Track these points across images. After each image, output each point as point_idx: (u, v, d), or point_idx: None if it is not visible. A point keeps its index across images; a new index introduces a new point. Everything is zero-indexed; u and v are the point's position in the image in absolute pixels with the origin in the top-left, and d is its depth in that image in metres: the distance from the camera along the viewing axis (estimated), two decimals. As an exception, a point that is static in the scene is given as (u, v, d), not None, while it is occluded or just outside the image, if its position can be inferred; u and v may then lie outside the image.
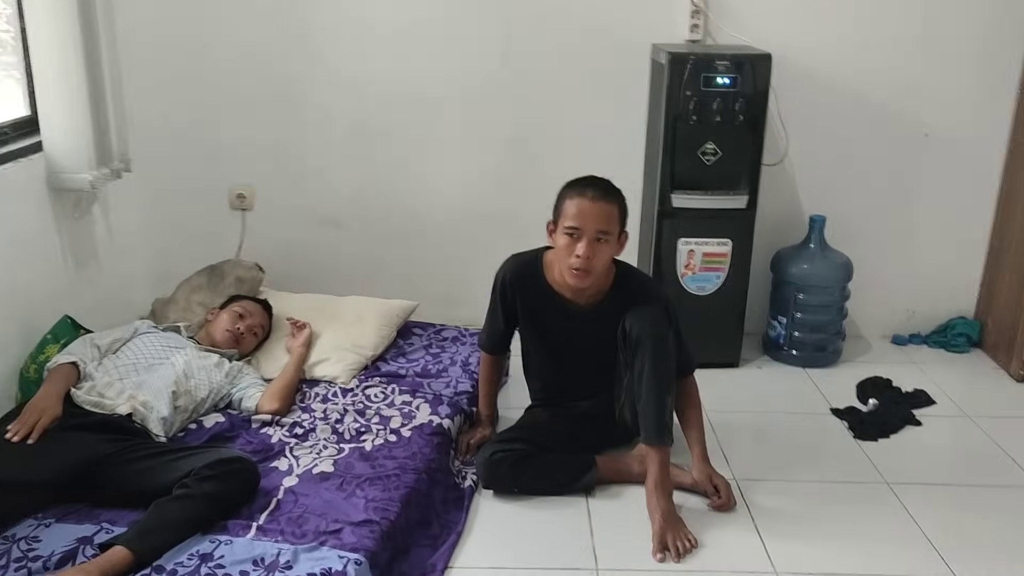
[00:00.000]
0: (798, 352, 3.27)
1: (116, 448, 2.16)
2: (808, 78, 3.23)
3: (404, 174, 3.37)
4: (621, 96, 3.27)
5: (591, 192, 2.27)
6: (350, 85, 3.27)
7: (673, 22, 3.21)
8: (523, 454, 2.39)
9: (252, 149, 3.34)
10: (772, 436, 2.79)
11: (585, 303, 2.42)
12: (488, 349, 2.61)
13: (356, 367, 2.81)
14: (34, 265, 2.64)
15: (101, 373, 2.43)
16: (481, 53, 3.24)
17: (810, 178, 3.36)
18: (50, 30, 2.54)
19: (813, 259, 3.21)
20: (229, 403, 2.62)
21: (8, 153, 2.58)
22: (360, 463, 2.31)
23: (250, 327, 2.81)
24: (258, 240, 3.42)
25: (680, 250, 3.08)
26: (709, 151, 3.01)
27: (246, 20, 3.20)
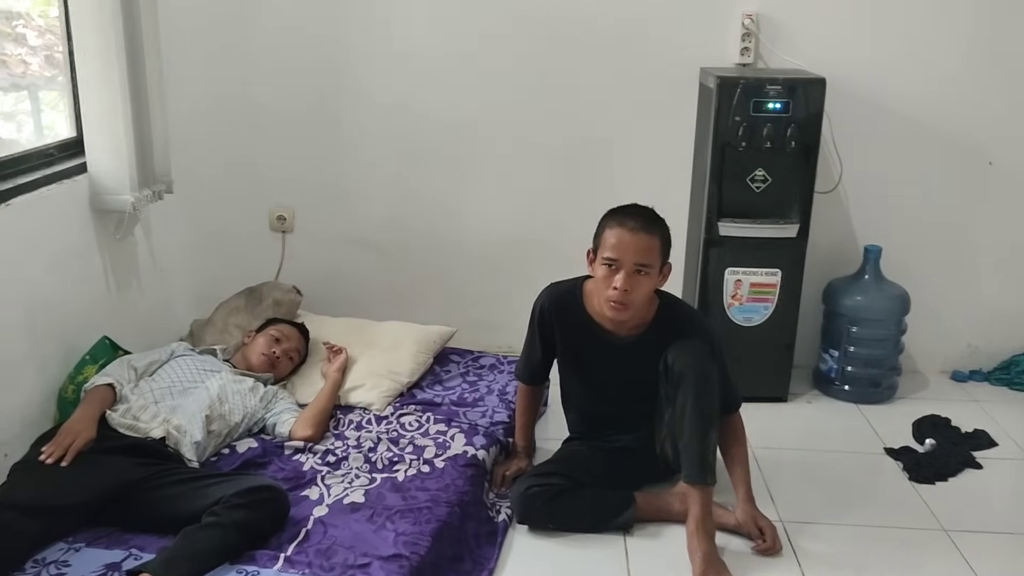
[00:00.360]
0: (851, 387, 3.14)
1: (148, 472, 2.14)
2: (864, 102, 3.12)
3: (444, 198, 3.34)
4: (667, 121, 3.20)
5: (631, 222, 2.20)
6: (391, 108, 3.26)
7: (723, 45, 3.13)
8: (560, 489, 2.31)
9: (293, 171, 3.34)
10: (821, 476, 2.67)
11: (626, 334, 2.34)
12: (525, 379, 2.55)
13: (391, 394, 2.77)
14: (76, 285, 2.65)
15: (136, 396, 2.41)
16: (524, 77, 3.21)
17: (865, 207, 3.24)
18: (95, 53, 2.56)
19: (868, 291, 3.09)
20: (263, 428, 2.59)
21: (53, 174, 2.60)
22: (391, 494, 2.25)
23: (286, 351, 2.79)
24: (298, 262, 3.41)
25: (727, 280, 2.98)
26: (759, 178, 2.92)
27: (289, 44, 3.21)
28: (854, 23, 3.09)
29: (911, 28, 3.09)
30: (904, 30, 3.09)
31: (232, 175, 3.35)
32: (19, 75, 2.91)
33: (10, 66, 2.88)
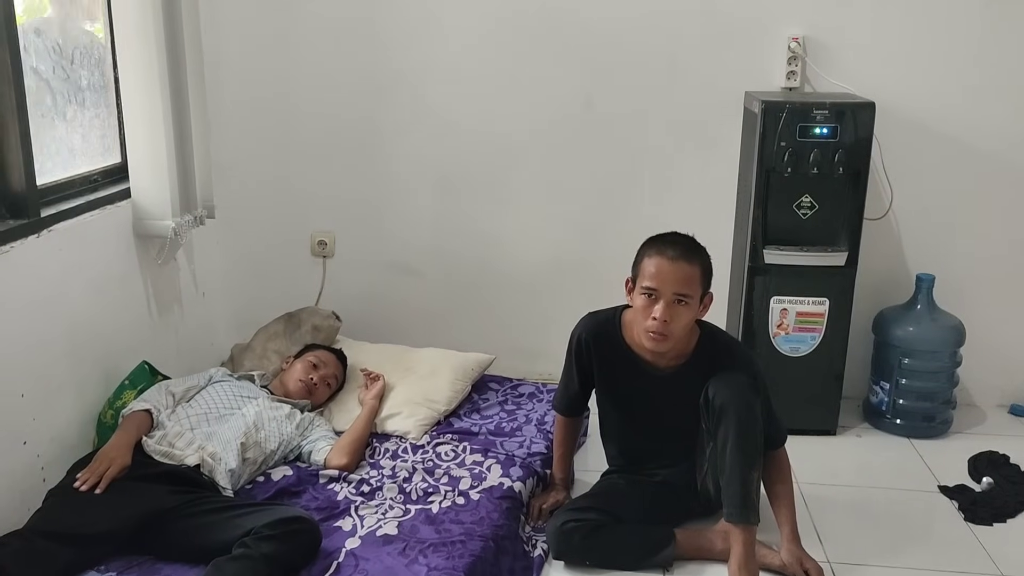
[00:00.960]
0: (903, 421, 3.03)
1: (181, 501, 2.12)
2: (915, 127, 3.04)
3: (484, 223, 3.32)
4: (711, 146, 3.14)
5: (671, 251, 2.15)
6: (432, 133, 3.25)
7: (769, 69, 3.07)
8: (597, 524, 2.25)
9: (334, 196, 3.35)
10: (872, 515, 2.56)
11: (665, 366, 2.28)
12: (562, 411, 2.50)
13: (428, 422, 2.73)
14: (117, 310, 2.67)
15: (173, 422, 2.41)
16: (566, 100, 3.18)
17: (917, 234, 3.14)
18: (139, 81, 2.59)
19: (920, 321, 2.98)
20: (299, 455, 2.57)
21: (98, 200, 2.62)
22: (425, 527, 2.21)
23: (323, 377, 2.78)
24: (338, 287, 3.41)
25: (772, 309, 2.91)
26: (805, 204, 2.85)
27: (330, 70, 3.23)
28: (904, 46, 3.01)
29: (963, 51, 3.00)
30: (956, 53, 3.00)
31: (274, 201, 3.37)
32: None
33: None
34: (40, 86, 2.45)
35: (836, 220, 2.85)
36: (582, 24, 3.11)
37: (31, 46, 2.39)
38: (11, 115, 2.22)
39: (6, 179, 2.26)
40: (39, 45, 2.45)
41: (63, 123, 2.58)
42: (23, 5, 2.38)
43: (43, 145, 2.45)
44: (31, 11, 2.54)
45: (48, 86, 2.50)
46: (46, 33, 2.49)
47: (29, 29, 2.39)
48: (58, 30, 2.54)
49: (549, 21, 3.11)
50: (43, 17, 2.53)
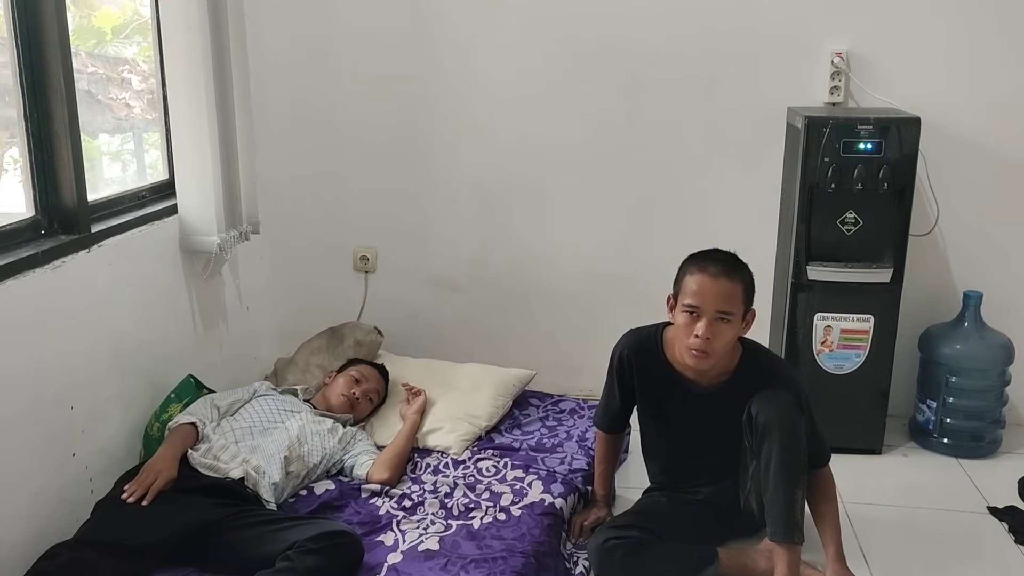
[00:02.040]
0: (950, 440, 2.98)
1: (225, 514, 2.15)
2: (962, 142, 3.00)
3: (526, 238, 3.32)
4: (753, 161, 3.13)
5: (713, 268, 2.13)
6: (473, 149, 3.27)
7: (811, 84, 3.05)
8: (638, 542, 2.23)
9: (376, 212, 3.38)
10: (919, 535, 2.52)
11: (708, 383, 2.27)
12: (604, 428, 2.49)
13: (469, 438, 2.73)
14: (164, 324, 2.71)
15: (218, 435, 2.44)
16: (607, 116, 3.18)
17: (964, 250, 3.10)
18: (186, 99, 2.64)
19: (968, 339, 2.93)
20: (341, 469, 2.59)
21: (146, 215, 2.68)
22: (466, 542, 2.21)
23: (365, 392, 2.79)
24: (380, 302, 3.43)
25: (816, 326, 2.87)
26: (849, 220, 2.82)
27: (372, 87, 3.26)
28: (950, 60, 2.97)
29: (1010, 64, 2.96)
30: (1002, 66, 2.96)
31: (317, 216, 3.41)
32: (122, 118, 3.04)
33: (114, 109, 3.01)
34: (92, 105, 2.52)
35: (881, 236, 2.82)
36: (624, 40, 3.11)
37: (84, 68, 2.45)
38: (64, 133, 2.27)
39: (59, 195, 2.32)
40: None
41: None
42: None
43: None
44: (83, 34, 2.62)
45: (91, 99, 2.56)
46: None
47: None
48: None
49: (591, 36, 3.12)
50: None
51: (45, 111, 2.26)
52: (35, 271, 2.15)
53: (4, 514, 2.04)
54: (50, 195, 2.31)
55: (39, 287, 2.16)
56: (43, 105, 2.25)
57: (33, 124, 2.25)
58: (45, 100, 2.25)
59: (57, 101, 2.26)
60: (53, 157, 2.30)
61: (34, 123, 2.25)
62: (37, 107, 2.25)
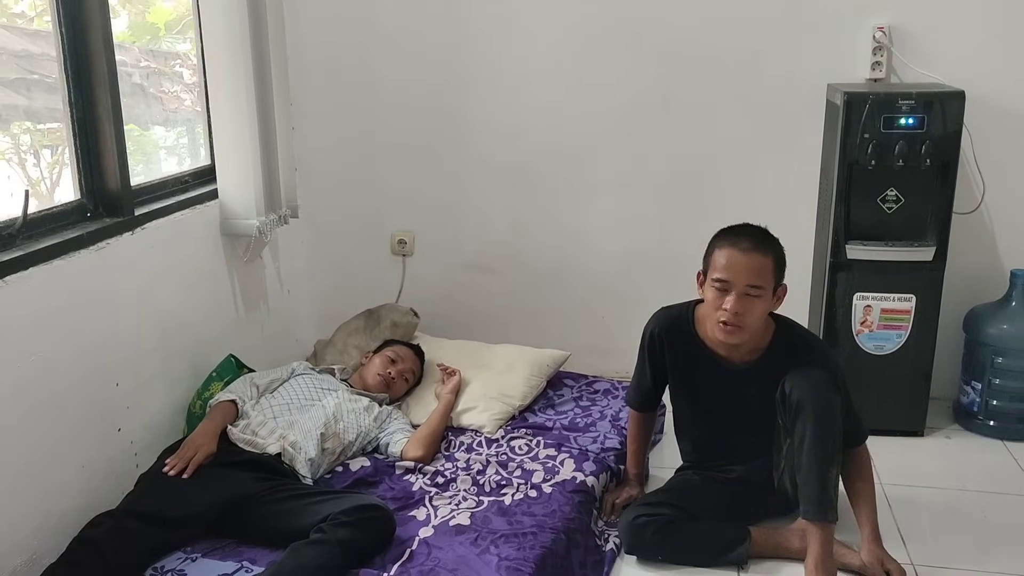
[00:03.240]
0: (996, 422, 2.91)
1: (262, 487, 2.20)
2: (1010, 117, 2.92)
3: (561, 220, 3.33)
4: (793, 139, 3.08)
5: (743, 242, 2.12)
6: (508, 133, 3.28)
7: (853, 60, 2.99)
8: (669, 519, 2.23)
9: (413, 196, 3.41)
10: (960, 517, 2.47)
11: (740, 360, 2.25)
12: (636, 406, 2.48)
13: (503, 417, 2.76)
14: (206, 306, 2.78)
15: (256, 412, 2.50)
16: (642, 96, 3.16)
17: (1011, 228, 3.02)
18: (226, 86, 2.70)
19: (1015, 319, 2.86)
20: (376, 447, 2.63)
21: (187, 199, 2.74)
22: (497, 518, 2.24)
23: (401, 372, 2.83)
24: (417, 285, 3.47)
25: (856, 305, 2.83)
26: (890, 198, 2.77)
27: (408, 74, 3.29)
28: (997, 32, 2.90)
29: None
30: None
31: (356, 201, 3.45)
32: (173, 110, 3.12)
33: (165, 102, 3.09)
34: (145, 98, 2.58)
35: (923, 214, 2.76)
36: (660, 18, 3.08)
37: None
38: (107, 119, 2.34)
39: (103, 180, 2.39)
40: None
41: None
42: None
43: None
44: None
45: (143, 92, 2.63)
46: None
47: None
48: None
49: (627, 16, 3.10)
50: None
51: (89, 98, 2.33)
52: (80, 252, 2.22)
53: (52, 486, 2.11)
54: (95, 179, 2.38)
55: (84, 268, 2.23)
56: (87, 92, 2.32)
57: (78, 110, 2.32)
58: (89, 88, 2.32)
59: (101, 88, 2.33)
60: (98, 142, 2.37)
61: (79, 109, 2.32)
62: (82, 94, 2.32)
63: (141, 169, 2.93)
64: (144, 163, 2.94)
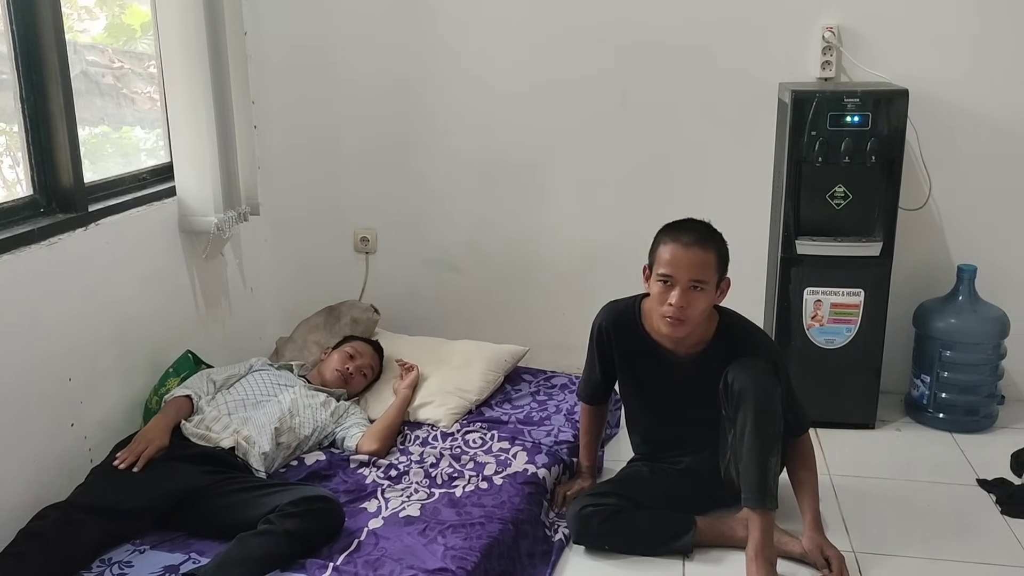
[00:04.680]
0: (945, 415, 2.96)
1: (213, 480, 2.22)
2: (956, 115, 2.98)
3: (521, 218, 3.36)
4: (747, 137, 3.13)
5: (685, 237, 2.16)
6: (470, 131, 3.31)
7: (803, 60, 3.05)
8: (615, 509, 2.27)
9: (376, 194, 3.43)
10: (904, 507, 2.51)
11: (685, 353, 2.29)
12: (586, 399, 2.52)
13: (459, 411, 2.79)
14: (164, 302, 2.80)
15: (212, 407, 2.52)
16: (600, 94, 3.20)
17: (958, 224, 3.07)
18: (182, 81, 2.72)
19: (962, 313, 2.91)
20: (333, 442, 2.65)
21: (145, 196, 2.76)
22: (447, 509, 2.26)
23: (359, 367, 2.86)
24: (380, 282, 3.49)
25: (806, 300, 2.88)
26: (838, 194, 2.82)
27: (369, 70, 3.31)
28: (943, 33, 2.95)
29: (1003, 37, 2.93)
30: (996, 38, 2.93)
31: (319, 199, 3.47)
32: (146, 111, 3.12)
33: (138, 103, 3.10)
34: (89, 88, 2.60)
35: (870, 210, 2.82)
36: (618, 16, 3.12)
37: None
38: (60, 115, 2.36)
39: (56, 176, 2.41)
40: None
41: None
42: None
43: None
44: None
45: (97, 88, 2.64)
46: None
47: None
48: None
49: (586, 14, 3.14)
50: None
51: (42, 93, 2.35)
52: (31, 247, 2.24)
53: (2, 480, 2.13)
54: (48, 175, 2.40)
55: (36, 263, 2.25)
56: (39, 87, 2.34)
57: (30, 106, 2.34)
58: (41, 82, 2.34)
59: (53, 84, 2.35)
60: (50, 138, 2.38)
61: (31, 105, 2.34)
62: (34, 91, 2.33)
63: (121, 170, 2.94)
64: (124, 165, 2.96)
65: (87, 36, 2.92)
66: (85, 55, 2.85)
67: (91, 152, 2.78)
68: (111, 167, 2.88)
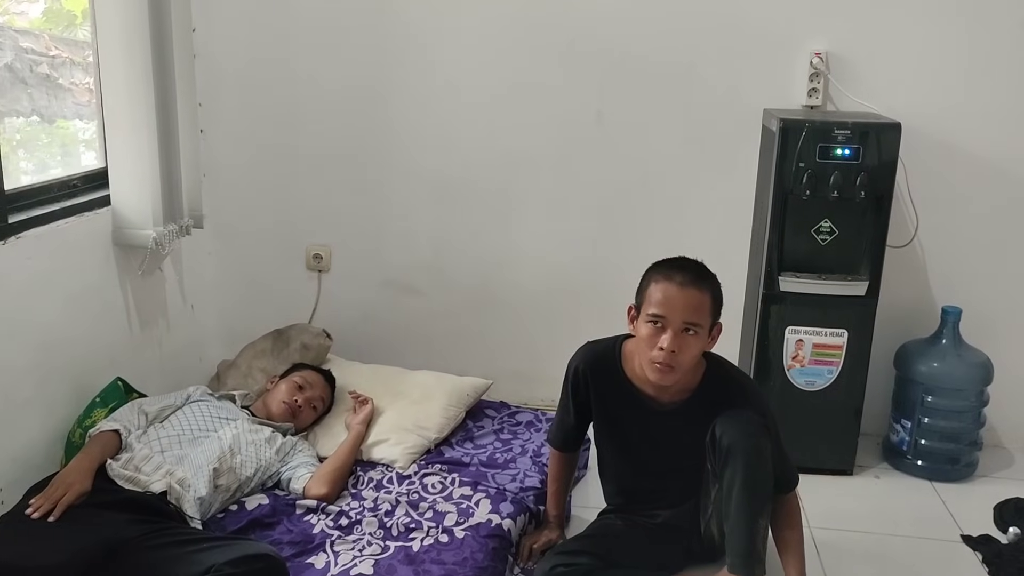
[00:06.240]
0: (924, 462, 2.84)
1: (140, 531, 1.97)
2: (945, 150, 2.86)
3: (487, 240, 3.16)
4: (728, 165, 2.98)
5: (680, 276, 1.99)
6: (434, 145, 3.11)
7: (789, 85, 2.91)
8: (588, 569, 2.08)
9: (331, 208, 3.21)
10: (888, 565, 2.38)
11: (668, 400, 2.12)
12: (558, 445, 2.33)
13: (417, 451, 2.57)
14: (93, 323, 2.54)
15: (142, 444, 2.27)
16: (574, 113, 3.02)
17: (944, 264, 2.96)
18: (121, 81, 2.48)
19: (945, 356, 2.80)
20: (278, 482, 2.42)
21: (76, 205, 2.52)
22: (403, 567, 2.05)
23: (309, 400, 2.63)
24: (333, 303, 3.27)
25: (788, 339, 2.73)
26: (824, 229, 2.68)
27: (328, 78, 3.09)
28: (934, 64, 2.84)
29: (996, 71, 2.82)
30: (988, 73, 2.82)
31: (270, 211, 3.24)
32: (84, 103, 2.86)
33: (76, 95, 2.84)
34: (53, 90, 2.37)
35: (857, 247, 2.68)
36: (595, 32, 2.95)
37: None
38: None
39: (-29, 183, 2.15)
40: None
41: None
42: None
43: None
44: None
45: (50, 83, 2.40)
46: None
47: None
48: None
49: (560, 28, 2.96)
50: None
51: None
52: (-61, 263, 1.97)
53: None
54: (-39, 182, 2.14)
55: (-57, 280, 1.99)
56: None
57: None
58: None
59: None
60: (-34, 141, 2.13)
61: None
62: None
63: (59, 162, 2.74)
64: (63, 156, 2.75)
65: (24, 19, 2.67)
66: (19, 40, 2.60)
67: (25, 143, 2.57)
68: (46, 158, 2.62)
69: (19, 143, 2.57)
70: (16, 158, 2.67)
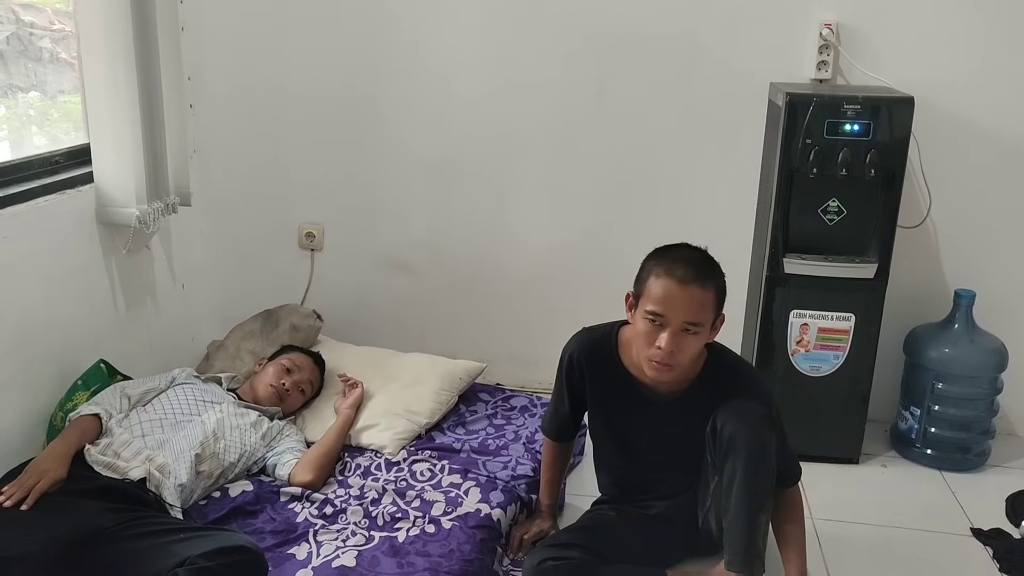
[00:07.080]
0: (934, 451, 2.75)
1: (117, 520, 1.90)
2: (959, 126, 2.74)
3: (484, 219, 3.07)
4: (732, 141, 2.87)
5: (682, 271, 1.86)
6: (430, 121, 3.01)
7: (798, 58, 2.79)
8: (579, 564, 1.99)
9: (324, 185, 3.12)
10: (893, 558, 2.29)
11: (666, 391, 2.03)
12: (552, 435, 2.25)
13: (407, 436, 2.50)
14: (77, 303, 2.47)
15: (122, 429, 2.20)
16: (574, 88, 2.91)
17: (957, 245, 2.85)
18: (104, 55, 2.38)
19: (957, 342, 2.69)
20: (264, 468, 2.36)
21: (57, 183, 2.44)
22: (387, 559, 1.99)
23: (297, 383, 2.56)
24: (326, 283, 3.19)
25: (792, 323, 2.63)
26: (832, 209, 2.58)
27: (322, 52, 2.99)
28: (950, 36, 2.71)
29: (1016, 42, 2.69)
30: (1008, 44, 2.69)
31: (261, 188, 3.15)
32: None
33: (76, 68, 2.76)
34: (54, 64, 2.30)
35: (866, 227, 2.58)
36: (594, 4, 2.84)
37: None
38: (-53, 88, 2.02)
39: (-57, 159, 2.07)
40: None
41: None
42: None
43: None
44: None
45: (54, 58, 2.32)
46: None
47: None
48: None
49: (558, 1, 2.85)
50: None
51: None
52: (-90, 242, 1.90)
53: None
54: (-65, 158, 2.06)
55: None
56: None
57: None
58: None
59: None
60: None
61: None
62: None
63: (73, 137, 2.68)
64: (72, 130, 2.69)
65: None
66: (21, 15, 2.53)
67: (37, 118, 2.55)
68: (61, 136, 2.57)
69: (29, 120, 2.50)
70: (29, 133, 2.61)
